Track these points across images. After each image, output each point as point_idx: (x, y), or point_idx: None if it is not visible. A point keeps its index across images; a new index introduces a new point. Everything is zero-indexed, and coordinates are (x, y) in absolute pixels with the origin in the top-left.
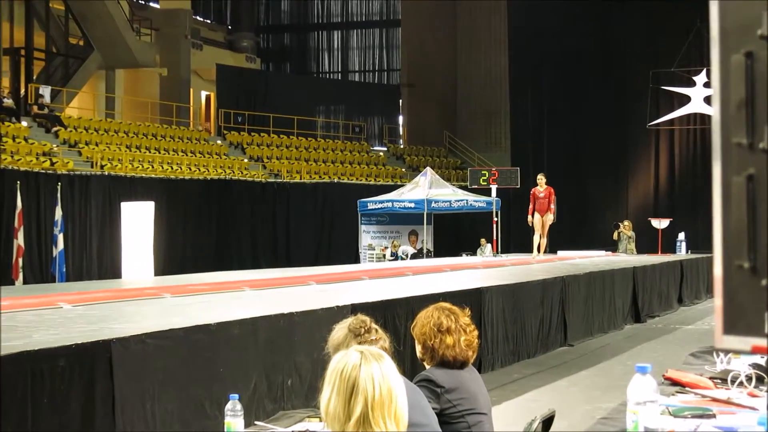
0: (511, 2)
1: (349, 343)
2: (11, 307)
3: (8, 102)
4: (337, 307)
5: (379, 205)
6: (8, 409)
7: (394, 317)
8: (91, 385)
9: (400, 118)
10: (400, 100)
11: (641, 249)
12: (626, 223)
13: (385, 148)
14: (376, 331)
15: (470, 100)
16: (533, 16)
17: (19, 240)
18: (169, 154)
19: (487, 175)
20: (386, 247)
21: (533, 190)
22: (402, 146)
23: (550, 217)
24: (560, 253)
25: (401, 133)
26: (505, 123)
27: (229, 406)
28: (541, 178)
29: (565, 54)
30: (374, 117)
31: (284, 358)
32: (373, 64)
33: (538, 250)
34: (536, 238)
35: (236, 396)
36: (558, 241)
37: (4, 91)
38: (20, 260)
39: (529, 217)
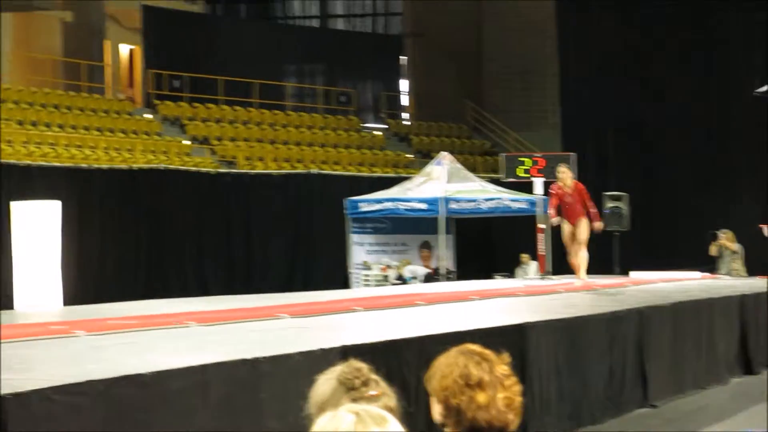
0: None
1: (340, 401)
2: None
3: None
4: (322, 350)
5: (377, 207)
6: None
7: (401, 365)
8: None
9: (404, 83)
10: (404, 58)
11: (754, 269)
12: (727, 233)
13: (384, 126)
14: (377, 383)
15: (501, 53)
16: None
17: None
18: (78, 132)
19: (528, 164)
20: (388, 266)
21: (554, 188)
22: (407, 122)
23: (585, 226)
24: (634, 275)
25: (406, 103)
26: (552, 87)
27: None
28: (564, 171)
29: None
30: (367, 81)
31: (247, 421)
32: (364, 6)
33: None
34: (578, 255)
35: None
36: (630, 256)
37: None
38: None
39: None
